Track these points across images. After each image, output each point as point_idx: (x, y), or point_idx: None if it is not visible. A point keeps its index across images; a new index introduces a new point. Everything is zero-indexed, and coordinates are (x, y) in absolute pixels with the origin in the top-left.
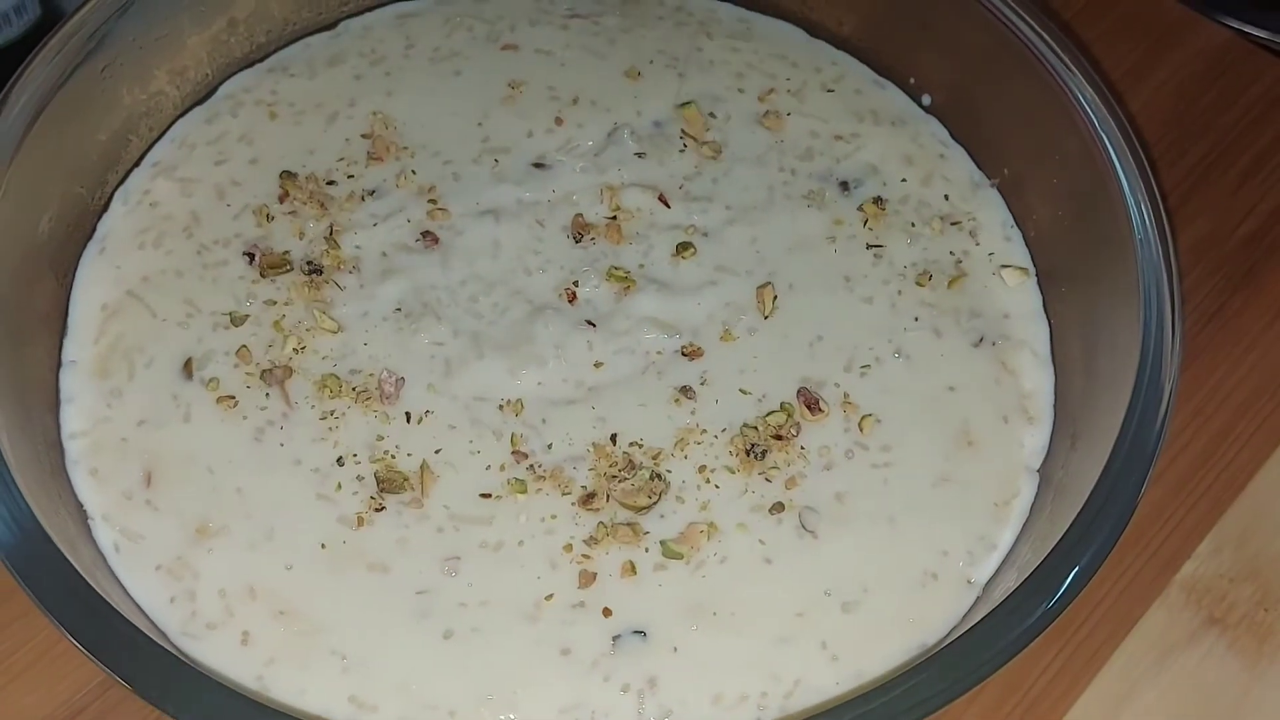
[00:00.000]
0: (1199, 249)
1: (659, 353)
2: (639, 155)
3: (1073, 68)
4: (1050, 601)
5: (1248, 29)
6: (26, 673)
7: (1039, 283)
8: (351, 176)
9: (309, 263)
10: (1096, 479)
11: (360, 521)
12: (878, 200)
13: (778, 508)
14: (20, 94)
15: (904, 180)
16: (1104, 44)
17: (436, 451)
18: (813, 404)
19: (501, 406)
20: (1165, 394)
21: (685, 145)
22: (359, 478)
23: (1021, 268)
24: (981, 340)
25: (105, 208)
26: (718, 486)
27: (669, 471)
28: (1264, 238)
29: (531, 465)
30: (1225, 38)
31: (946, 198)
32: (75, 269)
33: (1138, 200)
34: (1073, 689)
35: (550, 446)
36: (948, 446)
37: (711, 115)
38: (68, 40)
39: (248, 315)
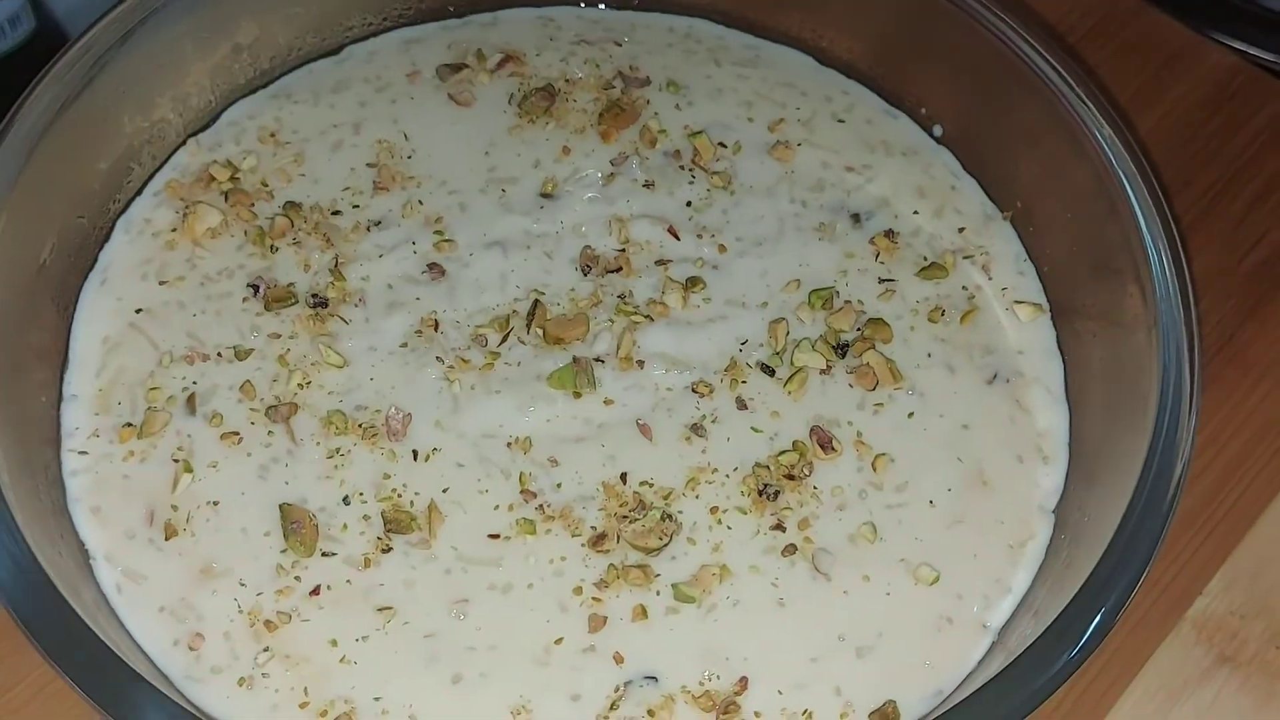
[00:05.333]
0: (1207, 278)
1: (669, 389)
2: (647, 185)
3: (1086, 100)
4: (1073, 651)
5: (1253, 52)
6: (23, 709)
7: (1052, 318)
8: (357, 207)
9: (314, 295)
10: (1116, 525)
11: (367, 563)
12: (889, 233)
13: (790, 549)
14: (22, 121)
15: (915, 213)
16: (1109, 68)
17: (444, 490)
18: (826, 443)
19: (510, 444)
20: (1185, 436)
21: (694, 176)
22: (365, 517)
23: (1035, 303)
24: (995, 377)
25: (107, 237)
26: (730, 528)
27: (680, 512)
28: (1274, 267)
29: (540, 505)
30: (1231, 62)
31: (960, 231)
32: (77, 300)
33: (1154, 236)
34: None
35: (559, 486)
36: (962, 486)
37: (721, 145)
38: (70, 67)
39: (252, 349)
